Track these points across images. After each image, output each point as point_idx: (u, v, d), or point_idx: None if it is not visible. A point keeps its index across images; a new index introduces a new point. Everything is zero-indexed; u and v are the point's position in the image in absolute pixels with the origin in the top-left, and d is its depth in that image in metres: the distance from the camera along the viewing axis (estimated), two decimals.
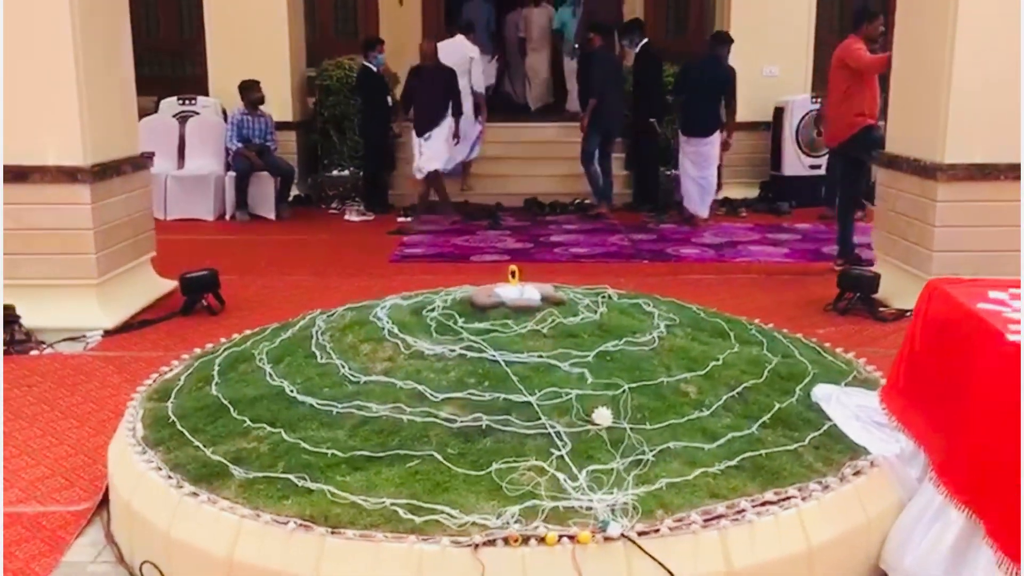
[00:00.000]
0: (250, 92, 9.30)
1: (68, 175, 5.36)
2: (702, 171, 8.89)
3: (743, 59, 10.11)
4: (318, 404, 2.99)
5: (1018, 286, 3.23)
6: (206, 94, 10.31)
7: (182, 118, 9.80)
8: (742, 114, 10.33)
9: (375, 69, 9.64)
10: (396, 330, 3.33)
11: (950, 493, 2.67)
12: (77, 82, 5.32)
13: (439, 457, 2.69)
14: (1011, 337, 2.63)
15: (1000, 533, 2.49)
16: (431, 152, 8.79)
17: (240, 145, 9.26)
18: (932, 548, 2.62)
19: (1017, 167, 5.14)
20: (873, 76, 6.52)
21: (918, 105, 5.68)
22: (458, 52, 9.71)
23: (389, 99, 9.80)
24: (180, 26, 13.12)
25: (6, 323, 5.15)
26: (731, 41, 9.07)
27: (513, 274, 3.55)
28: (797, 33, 10.22)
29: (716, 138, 8.86)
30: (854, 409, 3.19)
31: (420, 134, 8.78)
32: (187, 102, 9.92)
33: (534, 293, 3.51)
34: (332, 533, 2.49)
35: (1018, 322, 2.78)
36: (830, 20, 12.26)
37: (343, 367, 3.18)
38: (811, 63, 10.39)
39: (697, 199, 8.96)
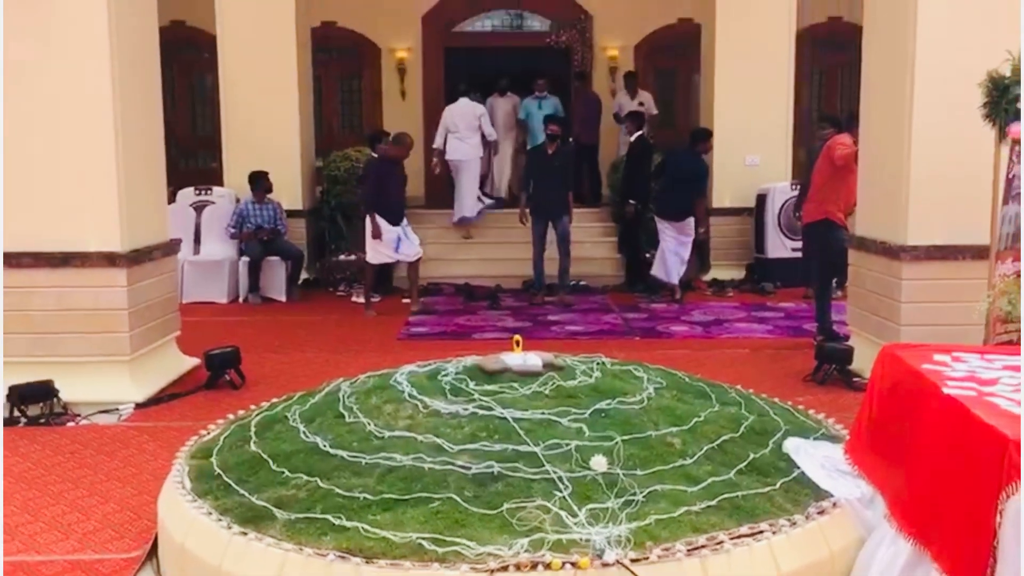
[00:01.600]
0: (258, 182, 9.89)
1: (107, 259, 5.84)
2: (680, 248, 9.58)
3: (727, 149, 10.82)
4: (348, 456, 3.41)
5: (960, 350, 3.70)
6: (221, 185, 10.90)
7: (198, 207, 10.36)
8: (728, 200, 10.99)
9: None
10: (415, 392, 3.77)
11: (900, 527, 3.09)
12: (117, 174, 5.84)
13: (457, 499, 3.10)
14: (946, 390, 3.08)
15: (944, 558, 2.90)
16: (414, 238, 9.31)
17: (234, 231, 9.91)
18: (886, 570, 3.02)
19: (973, 248, 5.63)
20: (850, 174, 7.02)
21: (883, 192, 6.22)
22: (468, 112, 11.25)
23: None
24: (194, 123, 13.85)
25: (47, 397, 5.59)
26: (709, 136, 9.72)
27: (517, 343, 4.01)
28: (776, 126, 10.88)
29: (689, 221, 9.54)
30: (820, 459, 3.62)
31: (396, 224, 9.12)
32: (203, 192, 10.49)
33: (536, 360, 3.96)
34: (367, 563, 2.89)
35: (955, 378, 3.24)
36: (807, 115, 13.02)
37: (369, 424, 3.61)
38: (790, 153, 11.03)
39: (670, 269, 9.59)
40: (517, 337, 4.08)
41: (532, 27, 14.01)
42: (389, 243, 9.05)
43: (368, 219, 9.03)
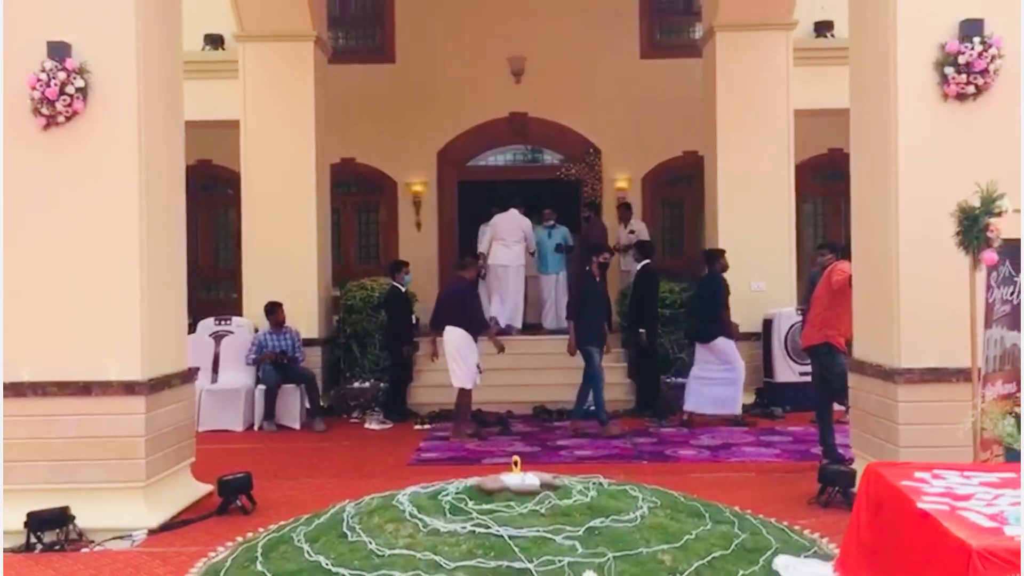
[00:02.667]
0: (273, 314, 10.20)
1: (127, 388, 6.06)
2: (727, 369, 9.73)
3: (733, 275, 11.03)
4: (349, 574, 3.54)
5: (941, 467, 3.83)
6: (240, 315, 11.22)
7: (218, 336, 10.66)
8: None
9: (402, 288, 10.61)
10: (416, 511, 3.92)
11: None
12: (140, 305, 6.13)
13: None
14: (920, 505, 3.21)
15: None
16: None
17: (254, 358, 10.14)
18: None
19: (964, 371, 5.76)
20: (848, 299, 7.21)
21: (876, 316, 6.41)
22: (516, 222, 12.22)
23: (414, 316, 10.72)
24: (217, 256, 14.35)
25: (63, 523, 5.73)
26: (720, 254, 10.03)
27: (516, 463, 4.17)
28: (780, 252, 11.18)
29: (718, 343, 9.70)
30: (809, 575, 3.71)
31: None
32: (223, 322, 10.81)
33: (534, 480, 4.11)
34: None
35: (931, 494, 3.37)
36: (811, 241, 13.35)
37: (371, 543, 3.75)
38: (794, 279, 11.29)
39: (723, 400, 9.70)
40: (516, 458, 4.23)
41: (543, 161, 14.59)
42: (475, 366, 9.35)
43: (491, 339, 9.62)
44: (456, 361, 9.24)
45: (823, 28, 12.29)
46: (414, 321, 10.81)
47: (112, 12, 6.08)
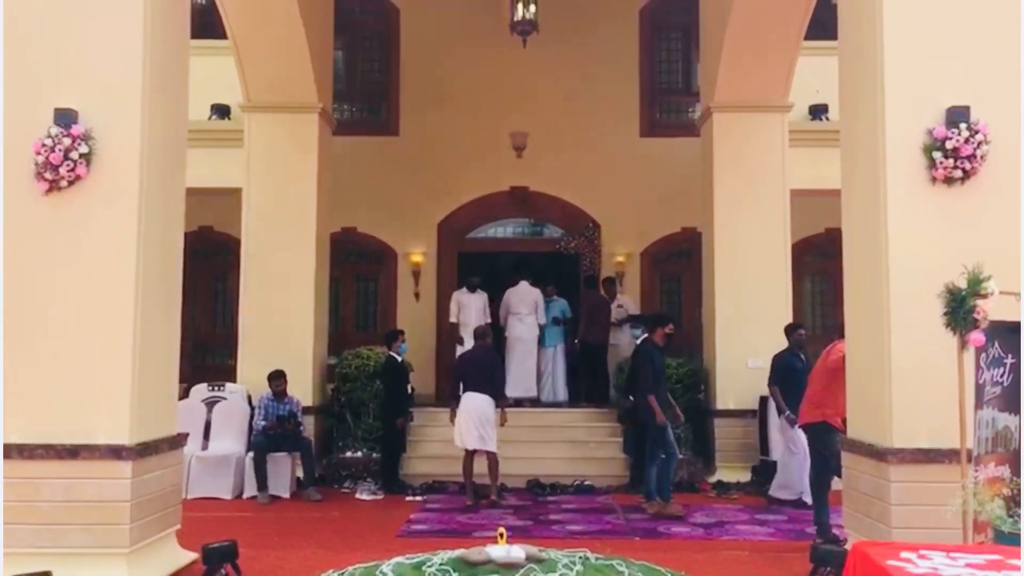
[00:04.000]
0: (276, 381, 10.15)
1: (114, 452, 6.04)
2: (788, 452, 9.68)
3: (729, 352, 11.16)
4: None
5: (928, 548, 3.80)
6: (234, 381, 11.21)
7: (210, 403, 10.63)
8: (732, 403, 11.17)
9: (398, 358, 10.61)
10: None
11: None
12: (132, 369, 6.14)
13: None
14: None
15: None
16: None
17: (264, 423, 10.00)
18: None
19: (955, 452, 5.73)
20: (843, 378, 7.20)
21: (868, 396, 6.40)
22: (529, 294, 12.46)
23: (409, 387, 10.70)
24: (214, 322, 14.39)
25: None
26: (798, 328, 9.94)
27: (501, 535, 4.13)
28: (776, 330, 11.11)
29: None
30: None
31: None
32: (216, 388, 10.79)
33: (520, 552, 4.06)
34: None
35: (916, 575, 3.34)
36: (808, 319, 13.40)
37: None
38: None
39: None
40: (501, 529, 4.19)
41: (543, 234, 14.72)
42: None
43: (501, 409, 9.72)
44: (486, 427, 9.50)
45: (818, 111, 12.53)
46: (410, 391, 10.78)
47: (120, 80, 6.23)
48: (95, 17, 6.25)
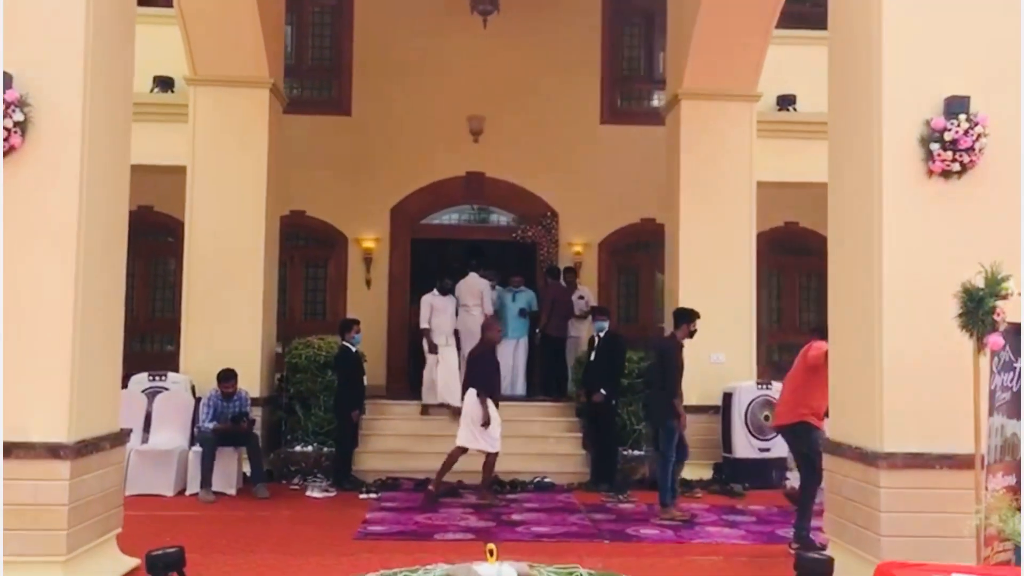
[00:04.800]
0: (227, 383, 9.52)
1: (50, 451, 5.51)
2: None
3: (692, 345, 10.81)
4: None
5: (958, 571, 3.51)
6: (176, 371, 10.61)
7: (151, 393, 10.03)
8: (694, 398, 10.85)
9: (352, 348, 10.12)
10: None
11: None
12: (71, 359, 5.61)
13: None
14: None
15: None
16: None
17: (213, 424, 9.38)
18: None
19: (952, 458, 5.52)
20: (823, 377, 6.95)
21: (855, 397, 6.14)
22: (476, 285, 11.88)
23: (364, 379, 10.22)
24: (154, 307, 13.71)
25: None
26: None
27: (491, 552, 3.74)
28: (740, 324, 10.97)
29: None
30: None
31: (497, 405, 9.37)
32: (157, 378, 10.19)
33: (511, 571, 3.68)
34: None
35: None
36: (766, 314, 13.24)
37: None
38: (755, 352, 11.07)
39: None
40: (491, 546, 3.81)
41: (499, 222, 14.32)
42: (495, 427, 9.13)
43: (480, 405, 9.14)
44: (471, 427, 9.14)
45: (786, 102, 12.30)
46: (364, 383, 10.30)
47: (60, 43, 5.68)
48: None
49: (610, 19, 14.24)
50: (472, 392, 9.26)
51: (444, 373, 11.20)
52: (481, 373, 9.25)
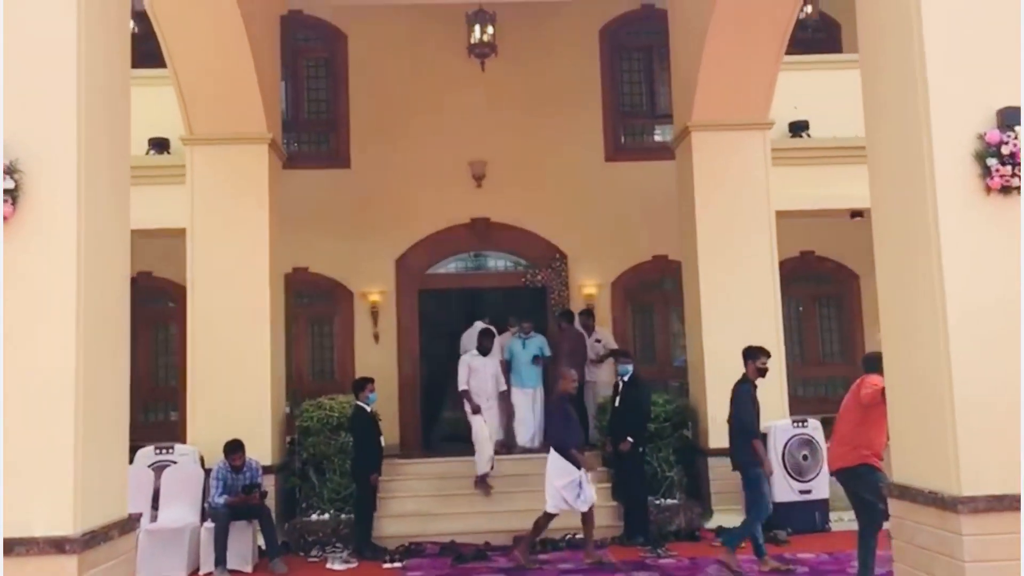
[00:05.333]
0: (235, 455, 9.00)
1: (55, 546, 5.01)
2: None
3: (720, 386, 10.39)
4: None
5: None
6: (182, 441, 10.13)
7: (158, 467, 9.52)
8: (725, 440, 10.40)
9: (367, 408, 9.66)
10: None
11: None
12: (75, 442, 5.12)
13: None
14: None
15: None
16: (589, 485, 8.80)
17: (224, 498, 8.87)
18: None
19: None
20: (880, 414, 6.52)
21: (925, 435, 5.68)
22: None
23: (382, 439, 9.74)
24: (156, 375, 13.25)
25: None
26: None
27: None
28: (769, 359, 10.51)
29: None
30: None
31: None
32: (164, 451, 9.69)
33: None
34: None
35: None
36: (788, 347, 12.78)
37: None
38: (785, 389, 10.60)
39: None
40: None
41: (506, 268, 13.92)
42: (572, 487, 8.54)
43: (559, 459, 8.62)
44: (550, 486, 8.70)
45: (798, 128, 11.96)
46: (381, 444, 9.79)
47: (52, 103, 5.27)
48: (18, 31, 5.30)
49: (608, 56, 13.96)
50: (552, 452, 8.76)
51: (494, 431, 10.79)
52: (554, 427, 8.68)
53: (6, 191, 5.01)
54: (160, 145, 11.61)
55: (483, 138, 13.38)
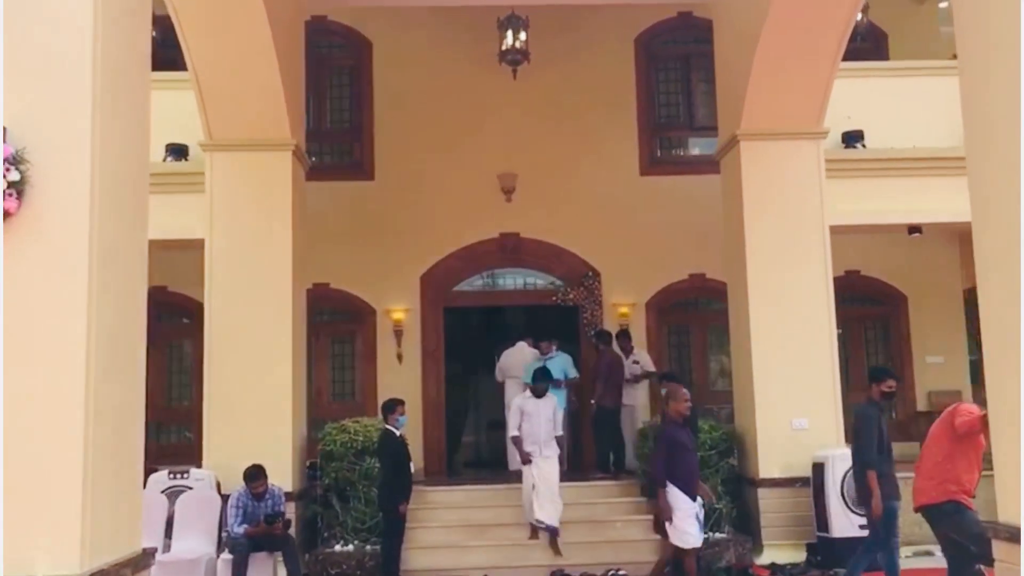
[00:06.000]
0: (256, 482, 8.44)
1: None
2: None
3: (770, 412, 9.82)
4: None
5: None
6: (197, 464, 9.52)
7: (172, 493, 8.91)
8: (776, 470, 9.81)
9: (396, 432, 9.02)
10: None
11: None
12: (83, 471, 4.51)
13: None
14: None
15: None
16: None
17: (244, 528, 8.24)
18: None
19: None
20: (973, 446, 5.89)
21: None
22: (522, 356, 11.38)
23: (411, 465, 9.09)
24: (170, 395, 12.65)
25: None
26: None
27: None
28: (823, 385, 9.86)
29: None
30: None
31: (693, 498, 7.64)
32: (179, 476, 9.08)
33: None
34: None
35: None
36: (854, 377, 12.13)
37: None
38: (841, 416, 9.90)
39: None
40: None
41: (537, 285, 13.30)
42: (692, 520, 7.51)
43: (660, 494, 7.55)
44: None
45: (852, 138, 11.32)
46: (412, 470, 9.15)
47: (64, 90, 4.70)
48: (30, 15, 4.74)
49: (644, 65, 13.41)
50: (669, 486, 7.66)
51: (543, 488, 9.45)
52: (659, 456, 7.70)
53: (11, 184, 4.41)
54: (178, 151, 11.04)
55: (513, 150, 12.83)
